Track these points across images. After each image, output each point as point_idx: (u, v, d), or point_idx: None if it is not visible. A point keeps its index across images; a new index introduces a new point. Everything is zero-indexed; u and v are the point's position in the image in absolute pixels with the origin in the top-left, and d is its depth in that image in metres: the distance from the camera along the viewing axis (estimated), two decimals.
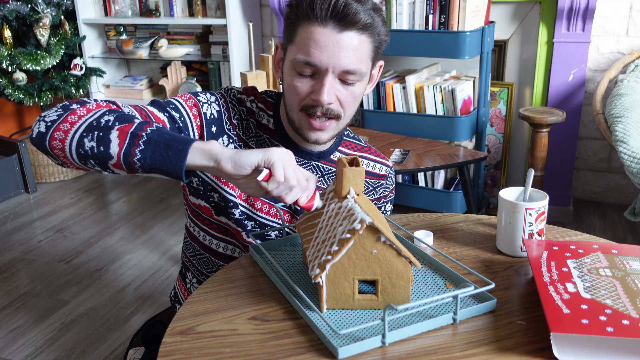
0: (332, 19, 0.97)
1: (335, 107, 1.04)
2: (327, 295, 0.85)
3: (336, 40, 0.98)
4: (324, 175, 1.18)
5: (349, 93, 1.04)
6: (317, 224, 0.91)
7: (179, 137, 0.88)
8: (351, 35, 0.98)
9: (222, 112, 1.12)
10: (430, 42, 2.47)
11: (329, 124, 1.06)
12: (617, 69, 2.57)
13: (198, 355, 0.79)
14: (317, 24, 0.98)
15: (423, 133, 2.59)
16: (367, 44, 1.01)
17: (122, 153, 0.87)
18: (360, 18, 0.97)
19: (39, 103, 3.26)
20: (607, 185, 2.94)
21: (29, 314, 2.19)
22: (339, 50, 0.98)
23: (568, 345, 0.76)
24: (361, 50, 1.01)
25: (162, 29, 3.44)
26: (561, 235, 1.13)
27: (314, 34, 0.98)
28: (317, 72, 1.01)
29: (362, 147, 1.25)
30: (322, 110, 1.03)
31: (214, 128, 1.10)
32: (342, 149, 1.21)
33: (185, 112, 1.08)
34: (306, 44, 0.99)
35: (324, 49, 0.98)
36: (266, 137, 1.14)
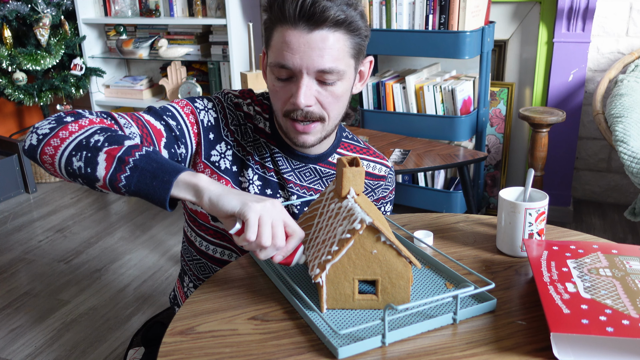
0: (302, 19, 0.94)
1: (316, 110, 1.02)
2: (327, 295, 0.85)
3: (306, 40, 0.95)
4: (322, 178, 1.17)
5: (329, 94, 1.01)
6: (317, 224, 0.91)
7: (166, 166, 0.86)
8: (323, 34, 0.95)
9: (220, 118, 1.11)
10: (430, 42, 2.47)
11: (313, 126, 1.03)
12: (617, 69, 2.57)
13: (198, 355, 0.79)
14: (289, 26, 0.96)
15: (423, 133, 2.59)
16: (342, 41, 0.98)
17: (107, 177, 0.87)
18: (329, 15, 0.94)
19: (39, 103, 3.26)
20: (607, 185, 2.94)
21: (29, 314, 2.19)
22: (311, 51, 0.96)
23: (568, 345, 0.76)
24: (336, 48, 0.97)
25: (162, 29, 3.44)
26: (561, 235, 1.13)
27: (286, 36, 0.96)
28: (293, 75, 0.99)
29: (361, 148, 1.24)
30: (302, 114, 1.01)
31: (211, 135, 1.10)
32: (340, 150, 1.20)
33: (182, 119, 1.07)
34: (280, 47, 0.97)
35: (296, 50, 0.96)
36: (262, 141, 1.13)
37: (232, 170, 1.12)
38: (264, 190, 1.14)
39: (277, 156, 1.13)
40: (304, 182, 1.15)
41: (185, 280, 1.29)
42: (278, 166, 1.13)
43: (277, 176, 1.14)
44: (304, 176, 1.15)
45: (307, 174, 1.16)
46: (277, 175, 1.14)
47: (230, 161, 1.12)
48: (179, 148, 1.06)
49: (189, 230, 1.22)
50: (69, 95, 3.32)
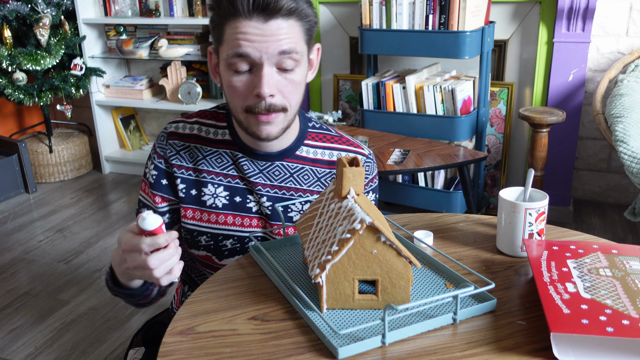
0: (255, 11, 0.96)
1: (279, 100, 1.02)
2: (327, 295, 0.85)
3: (263, 30, 0.97)
4: (292, 174, 1.15)
5: (288, 82, 1.02)
6: (317, 223, 0.91)
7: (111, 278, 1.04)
8: (278, 22, 0.97)
9: (157, 163, 1.14)
10: (430, 42, 2.47)
11: (275, 115, 1.03)
12: (617, 69, 2.57)
13: (198, 355, 0.79)
14: (243, 19, 0.96)
15: (423, 133, 2.59)
16: (296, 27, 1.00)
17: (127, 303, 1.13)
18: (282, 4, 0.96)
19: (39, 103, 3.26)
20: (607, 185, 2.94)
21: (29, 314, 2.19)
22: (268, 37, 0.97)
23: (568, 345, 0.76)
24: (292, 33, 0.99)
25: (162, 29, 3.44)
26: (561, 235, 1.13)
27: (241, 28, 0.97)
28: (253, 65, 0.99)
29: (331, 136, 1.20)
30: (266, 107, 1.01)
31: (164, 181, 1.14)
32: (307, 142, 1.17)
33: (147, 200, 1.16)
34: (235, 39, 0.97)
35: (254, 39, 0.97)
36: (222, 151, 1.13)
37: (191, 195, 1.13)
38: (232, 198, 1.13)
39: (241, 161, 1.12)
40: (274, 182, 1.14)
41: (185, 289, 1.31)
42: (243, 171, 1.12)
43: (243, 182, 1.13)
44: (272, 175, 1.14)
45: (276, 172, 1.14)
46: (243, 180, 1.13)
47: (185, 188, 1.13)
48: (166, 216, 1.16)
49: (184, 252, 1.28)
50: (69, 95, 3.32)
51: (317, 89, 3.25)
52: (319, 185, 1.17)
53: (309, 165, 1.16)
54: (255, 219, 1.15)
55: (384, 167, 2.16)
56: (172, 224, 1.17)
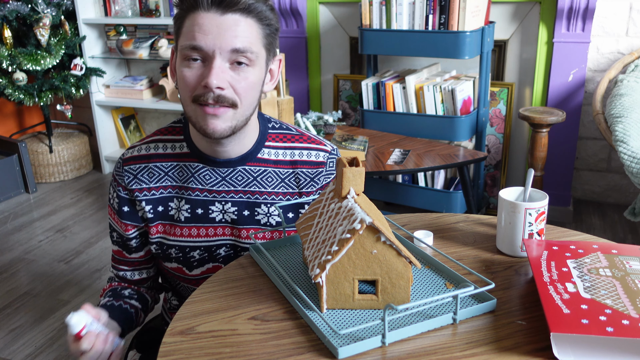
0: (214, 5, 0.97)
1: (229, 94, 0.99)
2: (327, 295, 0.85)
3: (219, 22, 0.97)
4: (256, 177, 1.13)
5: (241, 79, 1.00)
6: (317, 223, 0.91)
7: None
8: (235, 17, 0.97)
9: (117, 191, 1.14)
10: (430, 42, 2.47)
11: (223, 110, 1.00)
12: (617, 69, 2.57)
13: (198, 355, 0.79)
14: (201, 11, 0.97)
15: (423, 133, 2.59)
16: (255, 27, 1.00)
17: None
18: (242, 0, 0.97)
19: (39, 103, 3.26)
20: (607, 185, 2.94)
21: (29, 314, 2.19)
22: (223, 31, 0.97)
23: (568, 345, 0.76)
24: (249, 32, 0.99)
25: (162, 29, 3.44)
26: (561, 235, 1.13)
27: (197, 19, 0.97)
28: (205, 57, 0.98)
29: (292, 135, 1.17)
30: (214, 97, 0.98)
31: (125, 208, 1.14)
32: (268, 143, 1.14)
33: (115, 226, 1.19)
34: (191, 30, 0.98)
35: (208, 31, 0.97)
36: (182, 165, 1.12)
37: (158, 212, 1.13)
38: (194, 211, 1.12)
39: (202, 171, 1.11)
40: (237, 187, 1.12)
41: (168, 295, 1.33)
42: (205, 182, 1.11)
43: (204, 192, 1.12)
44: (235, 181, 1.12)
45: (239, 177, 1.12)
46: (204, 191, 1.12)
47: (151, 208, 1.13)
48: (132, 244, 1.18)
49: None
50: (69, 95, 3.32)
51: (317, 89, 3.25)
52: (283, 187, 1.14)
53: (271, 167, 1.14)
54: (220, 227, 1.13)
55: (384, 167, 2.17)
56: (142, 245, 1.19)
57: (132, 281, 1.22)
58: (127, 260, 1.20)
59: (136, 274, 1.21)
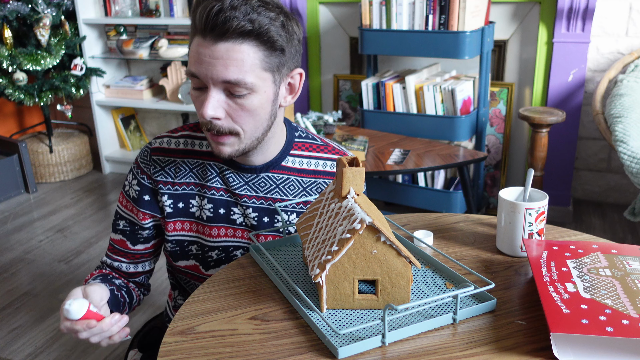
0: (208, 29, 0.92)
1: (226, 124, 0.98)
2: (327, 295, 0.85)
3: (211, 51, 0.93)
4: (278, 185, 1.13)
5: (238, 107, 0.97)
6: (317, 223, 0.91)
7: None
8: (227, 46, 0.92)
9: (139, 179, 1.13)
10: (430, 42, 2.47)
11: (226, 139, 1.00)
12: (616, 69, 2.57)
13: (198, 355, 0.79)
14: (200, 36, 0.94)
15: (423, 133, 2.59)
16: (252, 53, 0.93)
17: None
18: (232, 26, 0.90)
19: (40, 103, 3.26)
20: (607, 185, 2.94)
21: (29, 314, 2.19)
22: (215, 61, 0.93)
23: (568, 345, 0.76)
24: (242, 60, 0.93)
25: (162, 29, 3.44)
26: (561, 235, 1.13)
27: (195, 46, 0.95)
28: (203, 85, 0.97)
29: (317, 146, 1.17)
30: (213, 127, 0.98)
31: (146, 197, 1.13)
32: (294, 152, 1.15)
33: (125, 213, 1.16)
34: (192, 56, 0.96)
35: (202, 60, 0.94)
36: (207, 163, 1.12)
37: (178, 208, 1.13)
38: (216, 210, 1.12)
39: (226, 173, 1.12)
40: (259, 193, 1.12)
41: (174, 293, 1.32)
42: (229, 183, 1.12)
43: (228, 194, 1.12)
44: (258, 187, 1.12)
45: (262, 184, 1.13)
46: (228, 192, 1.12)
47: (172, 203, 1.12)
48: (142, 232, 1.15)
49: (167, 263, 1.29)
50: (69, 95, 3.32)
51: (317, 89, 3.26)
52: (304, 195, 1.15)
53: (294, 175, 1.14)
54: (240, 230, 1.14)
55: (384, 167, 2.17)
56: (152, 238, 1.18)
57: (126, 273, 1.19)
58: (127, 252, 1.17)
59: (132, 266, 1.19)
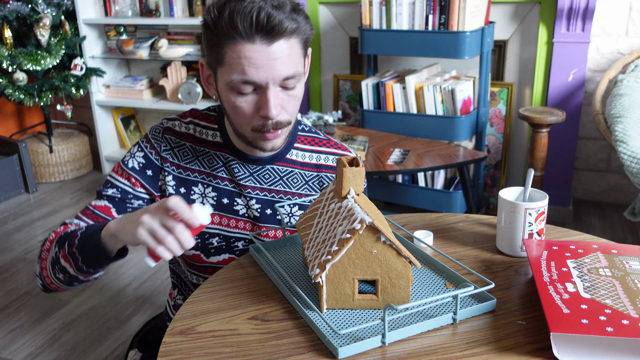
0: (258, 33, 0.94)
1: (284, 117, 1.03)
2: (327, 295, 0.86)
3: (268, 53, 0.96)
4: (282, 177, 1.16)
5: (291, 98, 1.03)
6: (317, 223, 0.91)
7: (92, 235, 0.99)
8: (280, 43, 0.96)
9: (147, 153, 1.14)
10: (430, 42, 2.47)
11: (280, 131, 1.05)
12: (616, 69, 2.57)
13: (198, 355, 0.79)
14: (244, 42, 0.95)
15: (423, 133, 2.59)
16: (296, 45, 1.00)
17: (77, 271, 1.02)
18: (286, 26, 0.95)
19: (40, 103, 3.26)
20: (607, 185, 2.94)
21: (29, 313, 2.19)
22: (274, 62, 0.96)
23: (568, 345, 0.76)
24: (293, 53, 0.99)
25: (162, 29, 3.44)
26: (561, 235, 1.13)
27: (244, 52, 0.95)
28: (258, 87, 0.99)
29: (319, 140, 1.21)
30: (273, 125, 1.02)
31: (149, 172, 1.13)
32: (298, 145, 1.18)
33: (118, 182, 1.13)
34: (239, 64, 0.96)
35: (259, 64, 0.96)
36: (213, 153, 1.14)
37: (180, 193, 1.13)
38: (220, 200, 1.14)
39: (232, 164, 1.13)
40: (264, 185, 1.14)
41: (174, 292, 1.32)
42: (234, 174, 1.13)
43: (232, 184, 1.14)
44: (262, 178, 1.14)
45: (266, 175, 1.15)
46: (232, 183, 1.14)
47: (174, 185, 1.13)
48: (133, 204, 1.13)
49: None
50: (69, 95, 3.32)
51: (317, 89, 3.25)
52: (306, 188, 1.18)
53: (298, 168, 1.17)
54: (242, 221, 1.15)
55: (384, 167, 2.17)
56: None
57: None
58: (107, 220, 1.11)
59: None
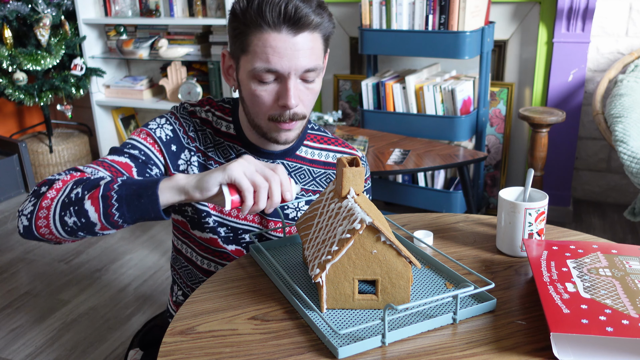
0: (285, 23, 0.98)
1: (300, 110, 1.06)
2: (327, 295, 0.86)
3: (292, 43, 0.99)
4: (290, 172, 1.18)
5: (309, 91, 1.06)
6: (317, 223, 0.91)
7: (145, 182, 0.92)
8: (305, 35, 1.00)
9: (176, 128, 1.14)
10: (430, 42, 2.47)
11: (294, 124, 1.07)
12: (616, 69, 2.57)
13: (198, 355, 0.79)
14: (271, 30, 0.98)
15: (423, 133, 2.59)
16: (319, 40, 1.03)
17: (102, 218, 0.92)
18: (312, 19, 0.99)
19: (40, 103, 3.26)
20: (607, 185, 2.94)
21: (29, 313, 2.19)
22: (297, 52, 1.00)
23: (568, 345, 0.76)
24: (316, 47, 1.03)
25: (162, 29, 3.44)
26: (561, 235, 1.13)
27: (270, 41, 0.99)
28: (279, 77, 1.02)
29: (328, 138, 1.25)
30: (290, 116, 1.04)
31: (173, 147, 1.13)
32: (307, 142, 1.21)
33: (142, 145, 1.11)
34: (263, 52, 0.99)
35: (283, 54, 0.99)
36: (227, 144, 1.16)
37: None
38: None
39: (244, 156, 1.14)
40: None
41: (175, 289, 1.31)
42: None
43: None
44: None
45: None
46: None
47: (197, 167, 1.14)
48: (152, 170, 1.10)
49: (176, 239, 1.26)
50: (69, 95, 3.32)
51: None
52: (314, 185, 1.20)
53: (307, 165, 1.20)
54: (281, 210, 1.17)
55: (384, 167, 2.17)
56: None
57: None
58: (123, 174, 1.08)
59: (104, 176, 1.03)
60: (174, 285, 1.32)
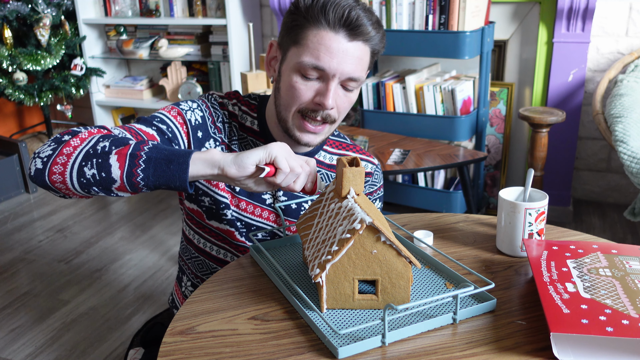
0: (344, 27, 1.00)
1: (333, 113, 1.07)
2: (327, 295, 0.86)
3: (346, 48, 1.01)
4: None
5: (347, 99, 1.07)
6: (317, 223, 0.91)
7: (177, 150, 0.91)
8: (358, 45, 1.02)
9: (206, 117, 1.14)
10: (430, 42, 2.47)
11: (322, 127, 1.09)
12: (616, 69, 2.57)
13: (198, 355, 0.79)
14: (329, 30, 1.01)
15: (423, 133, 2.59)
16: (368, 53, 1.06)
17: (124, 175, 0.89)
18: (369, 31, 1.02)
19: (40, 103, 3.26)
20: (607, 185, 2.94)
21: (29, 313, 2.19)
22: (347, 57, 1.02)
23: (568, 345, 0.76)
24: (364, 60, 1.05)
25: (162, 29, 3.44)
26: (561, 235, 1.13)
27: (325, 40, 1.01)
28: (323, 76, 1.04)
29: (347, 145, 1.27)
30: (322, 115, 1.06)
31: (199, 133, 1.13)
32: (326, 147, 1.23)
33: (171, 122, 1.10)
34: (316, 49, 1.01)
35: (334, 55, 1.01)
36: (250, 139, 1.16)
37: None
38: None
39: None
40: None
41: (184, 279, 1.30)
42: None
43: None
44: None
45: None
46: None
47: None
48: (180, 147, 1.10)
49: (187, 228, 1.24)
50: (69, 95, 3.32)
51: None
52: None
53: (325, 169, 1.21)
54: (266, 211, 1.17)
55: (384, 167, 2.17)
56: None
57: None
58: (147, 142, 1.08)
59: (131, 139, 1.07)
60: (183, 276, 1.31)
